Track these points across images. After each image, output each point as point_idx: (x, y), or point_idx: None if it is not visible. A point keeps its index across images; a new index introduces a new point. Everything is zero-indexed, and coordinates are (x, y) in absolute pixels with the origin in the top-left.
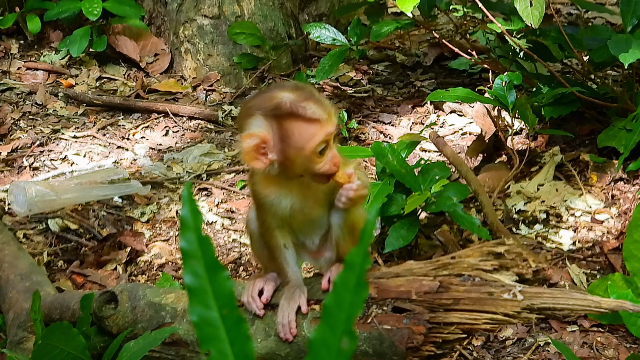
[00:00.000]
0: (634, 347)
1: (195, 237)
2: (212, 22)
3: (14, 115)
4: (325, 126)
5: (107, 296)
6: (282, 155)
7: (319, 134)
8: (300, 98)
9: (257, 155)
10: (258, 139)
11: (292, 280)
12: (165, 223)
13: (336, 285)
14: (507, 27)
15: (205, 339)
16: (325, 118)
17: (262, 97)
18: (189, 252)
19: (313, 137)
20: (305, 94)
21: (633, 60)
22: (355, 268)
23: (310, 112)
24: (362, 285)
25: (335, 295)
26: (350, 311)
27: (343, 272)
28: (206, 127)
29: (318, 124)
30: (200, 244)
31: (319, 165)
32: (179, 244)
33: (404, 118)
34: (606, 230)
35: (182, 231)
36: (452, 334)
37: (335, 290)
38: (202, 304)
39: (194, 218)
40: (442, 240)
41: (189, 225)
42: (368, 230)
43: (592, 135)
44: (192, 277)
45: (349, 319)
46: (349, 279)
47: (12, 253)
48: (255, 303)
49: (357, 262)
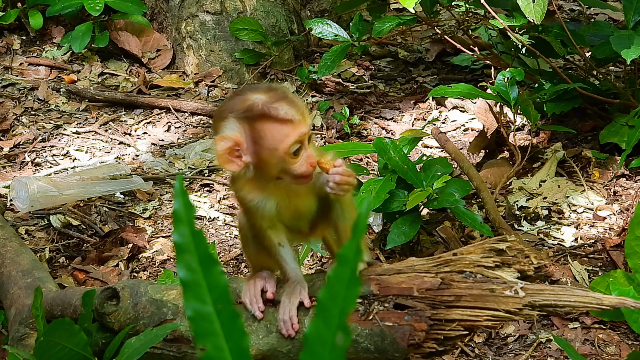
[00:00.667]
0: (635, 344)
1: (188, 230)
2: (214, 18)
3: (16, 110)
4: (298, 127)
5: (109, 293)
6: (256, 157)
7: (292, 135)
8: (272, 99)
9: (231, 158)
10: (231, 142)
11: (292, 276)
12: (167, 219)
13: (329, 280)
14: (510, 23)
15: (201, 333)
16: (298, 119)
17: (234, 100)
18: (183, 246)
19: (286, 138)
20: (278, 95)
21: (635, 56)
22: (349, 262)
23: (283, 113)
24: (355, 280)
25: (328, 290)
26: (344, 306)
27: (336, 266)
28: (208, 123)
29: (291, 124)
30: (193, 238)
31: (294, 167)
32: (172, 238)
33: (406, 114)
34: (608, 227)
35: (175, 225)
36: (454, 330)
37: (329, 285)
38: (197, 298)
39: (186, 212)
40: (443, 236)
41: (182, 218)
42: (360, 224)
43: (595, 132)
44: (186, 271)
45: (343, 313)
46: (342, 273)
47: (14, 249)
48: (257, 303)
49: (349, 256)
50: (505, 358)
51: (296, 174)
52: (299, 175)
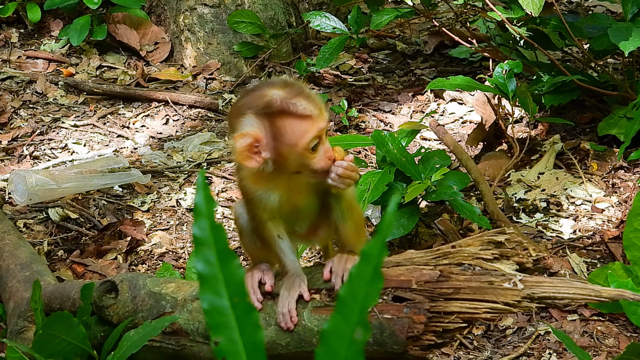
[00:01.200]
0: (634, 336)
1: (208, 224)
2: (213, 11)
3: (14, 104)
4: (317, 122)
5: (108, 286)
6: (276, 153)
7: (312, 130)
8: (290, 95)
9: (251, 154)
10: (251, 138)
11: (291, 269)
12: (165, 212)
13: (352, 276)
14: (508, 15)
15: (216, 326)
16: (317, 114)
17: (252, 96)
18: (202, 240)
19: (305, 134)
20: (295, 91)
21: (633, 48)
22: (372, 259)
23: (302, 109)
24: (378, 277)
25: (350, 286)
26: (365, 302)
27: (359, 263)
28: (206, 116)
29: (310, 120)
30: (213, 232)
31: (313, 161)
32: (192, 230)
33: (404, 106)
34: (606, 219)
35: (196, 218)
36: (453, 323)
37: (351, 281)
38: (213, 291)
39: (207, 205)
40: (442, 229)
41: (203, 212)
42: (387, 222)
43: (593, 124)
44: (204, 264)
45: (364, 309)
46: (365, 270)
47: (13, 242)
48: (255, 295)
49: (374, 253)
50: (504, 350)
51: (315, 168)
52: (318, 169)
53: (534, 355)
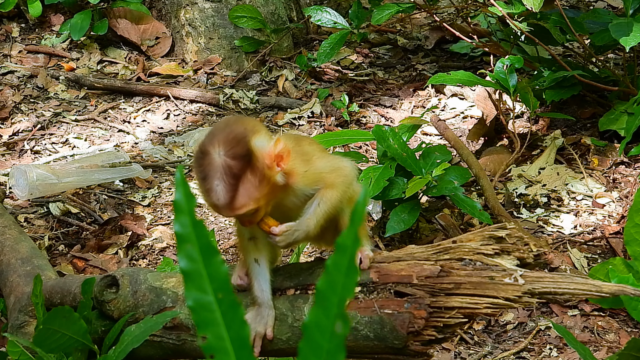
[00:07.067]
0: (634, 331)
1: (189, 220)
2: (213, 6)
3: (15, 98)
4: (224, 211)
5: (108, 280)
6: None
7: (223, 214)
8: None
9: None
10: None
11: (259, 300)
12: (166, 207)
13: (328, 269)
14: (509, 10)
15: (202, 323)
16: (224, 204)
17: (197, 152)
18: (184, 236)
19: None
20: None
21: (634, 43)
22: (347, 251)
23: (214, 199)
24: (353, 268)
25: (327, 278)
26: (343, 294)
27: (334, 255)
28: (207, 111)
29: (217, 209)
30: (194, 228)
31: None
32: (173, 228)
33: (405, 101)
34: (607, 214)
35: (176, 215)
36: (453, 318)
37: (327, 273)
38: (198, 288)
39: (187, 201)
40: (443, 224)
41: (183, 208)
42: (358, 212)
43: (594, 119)
44: (187, 261)
45: (342, 301)
46: (340, 261)
47: (13, 237)
48: (242, 280)
49: (348, 244)
50: (505, 345)
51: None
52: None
53: (535, 350)
